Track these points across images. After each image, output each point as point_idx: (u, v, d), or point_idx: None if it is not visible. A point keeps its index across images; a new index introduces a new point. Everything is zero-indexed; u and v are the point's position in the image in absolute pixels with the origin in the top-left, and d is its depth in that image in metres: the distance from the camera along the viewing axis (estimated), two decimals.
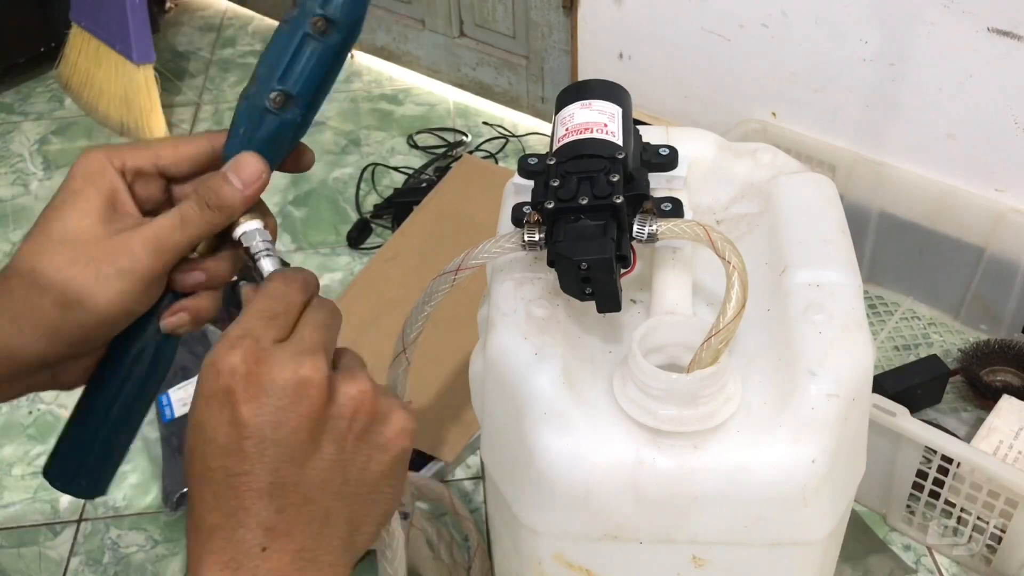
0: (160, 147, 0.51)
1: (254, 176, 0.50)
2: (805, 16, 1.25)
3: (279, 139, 0.51)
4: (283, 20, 0.51)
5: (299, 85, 0.50)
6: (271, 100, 0.50)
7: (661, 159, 0.60)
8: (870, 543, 1.03)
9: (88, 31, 1.73)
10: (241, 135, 0.51)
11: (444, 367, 1.15)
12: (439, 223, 1.41)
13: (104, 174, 0.49)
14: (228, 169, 0.50)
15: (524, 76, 1.72)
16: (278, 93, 0.50)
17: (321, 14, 0.50)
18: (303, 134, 0.53)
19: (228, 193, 0.49)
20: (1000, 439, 1.04)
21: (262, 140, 0.51)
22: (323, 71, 0.51)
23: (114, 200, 0.49)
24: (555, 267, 0.53)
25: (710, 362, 0.51)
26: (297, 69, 0.50)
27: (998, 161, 1.17)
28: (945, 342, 1.26)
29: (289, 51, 0.50)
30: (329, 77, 0.52)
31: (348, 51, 0.53)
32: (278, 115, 0.50)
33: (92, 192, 0.48)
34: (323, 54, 0.51)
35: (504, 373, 0.56)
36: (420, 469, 1.10)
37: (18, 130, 1.81)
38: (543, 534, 0.57)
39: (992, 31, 1.10)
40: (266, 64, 0.51)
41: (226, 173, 0.50)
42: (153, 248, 0.48)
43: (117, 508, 1.12)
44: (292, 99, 0.50)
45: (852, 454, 0.58)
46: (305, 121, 0.52)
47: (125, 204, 0.50)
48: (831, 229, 0.61)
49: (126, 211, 0.50)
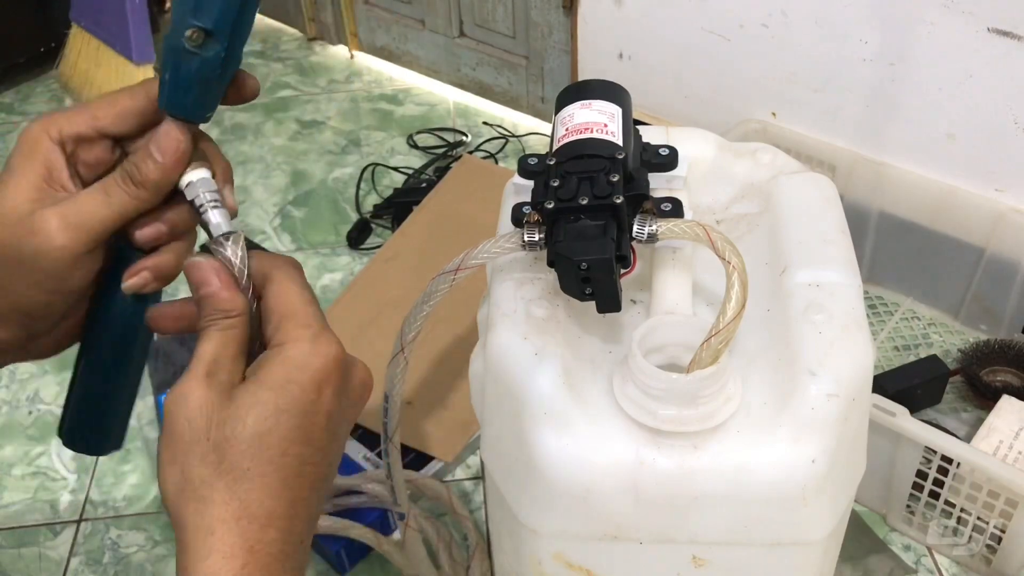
0: (97, 108, 0.49)
1: (173, 147, 0.48)
2: (805, 16, 1.25)
3: (205, 78, 0.48)
4: None
5: (213, 18, 0.47)
6: (188, 39, 0.47)
7: (661, 159, 0.60)
8: (870, 543, 1.03)
9: (88, 31, 1.73)
10: (167, 80, 0.48)
11: (444, 367, 1.16)
12: (439, 223, 1.41)
13: (39, 147, 0.48)
14: (151, 141, 0.48)
15: (524, 76, 1.72)
16: (193, 30, 0.47)
17: None
18: (234, 69, 0.50)
19: (149, 169, 0.48)
20: (1000, 439, 1.04)
21: (187, 82, 0.48)
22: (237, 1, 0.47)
23: (48, 174, 0.48)
24: (555, 267, 0.53)
25: (710, 362, 0.51)
26: (209, 2, 0.47)
27: (998, 161, 1.17)
28: (945, 342, 1.26)
29: None
30: (246, 6, 0.48)
31: None
32: (198, 54, 0.47)
33: (27, 167, 0.47)
34: None
35: (504, 373, 0.56)
36: (420, 469, 1.10)
37: (18, 130, 1.81)
38: (543, 534, 0.57)
39: (992, 31, 1.10)
40: (177, 1, 0.47)
41: (148, 146, 0.48)
42: (73, 224, 0.46)
43: (117, 508, 1.12)
44: (211, 35, 0.47)
45: (852, 454, 0.58)
46: (230, 56, 0.49)
47: (60, 177, 0.48)
48: (831, 229, 0.61)
49: (61, 184, 0.48)
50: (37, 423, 1.23)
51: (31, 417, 1.24)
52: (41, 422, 1.23)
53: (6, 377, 1.31)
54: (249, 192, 1.63)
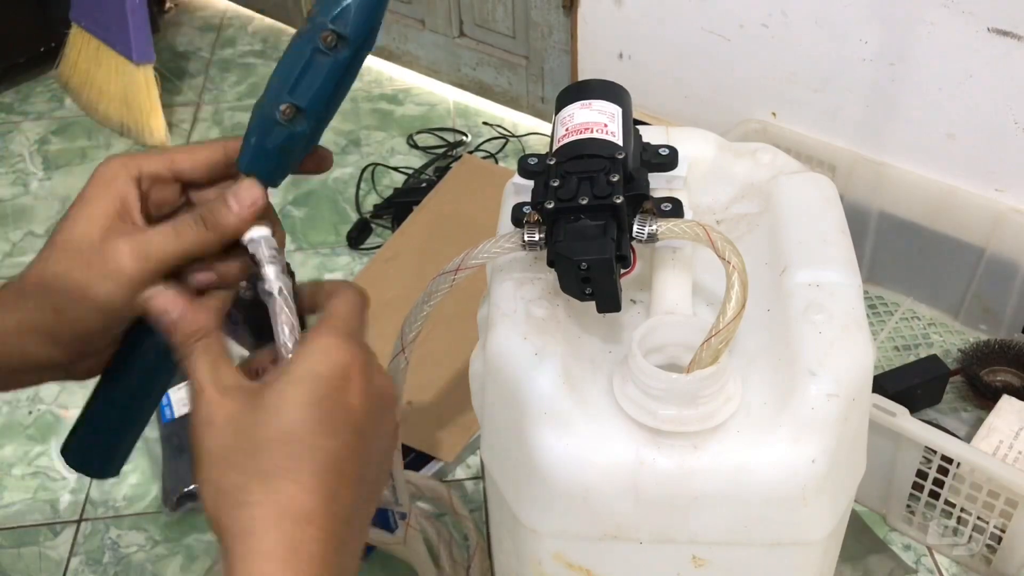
0: (175, 153, 0.53)
1: (249, 201, 0.51)
2: (805, 16, 1.25)
3: (288, 149, 0.52)
4: (296, 33, 0.52)
5: (308, 98, 0.51)
6: (281, 112, 0.51)
7: (661, 159, 0.60)
8: (870, 543, 1.03)
9: (88, 31, 1.73)
10: (252, 145, 0.52)
11: (444, 367, 1.16)
12: (439, 223, 1.41)
13: (116, 181, 0.51)
14: (229, 192, 0.52)
15: (524, 76, 1.72)
16: (288, 105, 0.51)
17: (332, 29, 0.50)
18: (314, 144, 0.54)
19: (224, 215, 0.51)
20: (1000, 439, 1.04)
21: (271, 150, 0.52)
22: (333, 85, 0.52)
23: (123, 208, 0.51)
24: (555, 267, 0.53)
25: (710, 362, 0.51)
26: (306, 83, 0.51)
27: (998, 161, 1.17)
28: (945, 342, 1.26)
29: (299, 64, 0.51)
30: (339, 91, 0.52)
31: (359, 66, 0.53)
32: (287, 127, 0.51)
33: (102, 200, 0.50)
34: (333, 68, 0.51)
35: (504, 373, 0.56)
36: (420, 469, 1.10)
37: (18, 130, 1.81)
38: (543, 534, 0.57)
39: (992, 31, 1.10)
40: (278, 76, 0.52)
41: (226, 196, 0.52)
42: (141, 255, 0.49)
43: (117, 508, 1.12)
44: (301, 112, 0.51)
45: (852, 454, 0.58)
46: (315, 133, 0.53)
47: (132, 212, 0.51)
48: (831, 229, 0.61)
49: (132, 219, 0.51)
50: (37, 423, 1.23)
51: (31, 417, 1.24)
52: (41, 422, 1.23)
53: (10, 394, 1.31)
54: None
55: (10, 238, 1.55)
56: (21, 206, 1.62)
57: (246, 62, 1.98)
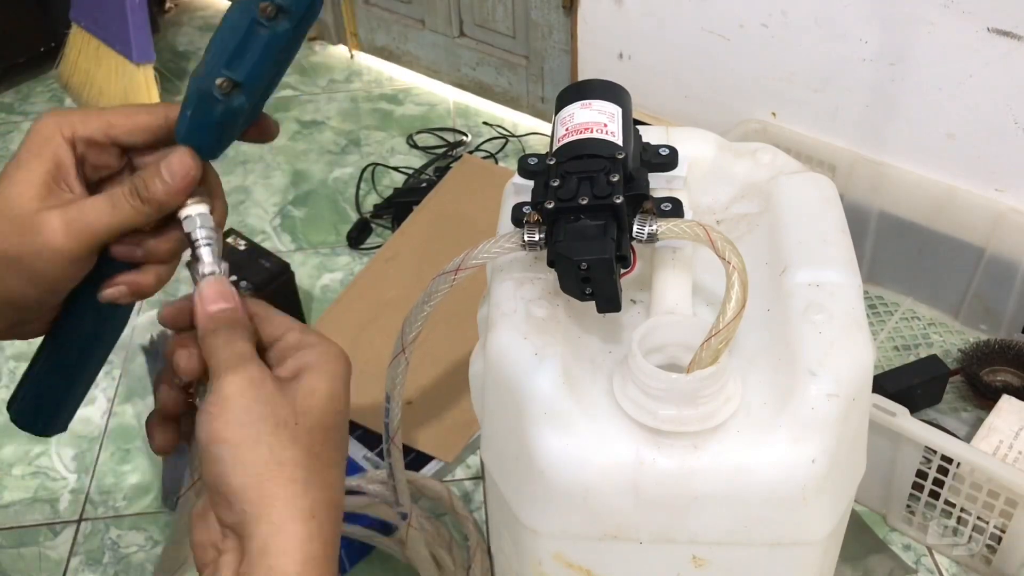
0: (113, 115, 0.51)
1: (182, 173, 0.49)
2: (805, 16, 1.25)
3: (226, 124, 0.50)
4: (233, 1, 0.49)
5: (245, 73, 0.48)
6: (218, 86, 0.48)
7: (661, 159, 0.60)
8: (870, 543, 1.03)
9: (88, 31, 1.73)
10: (188, 117, 0.50)
11: (444, 367, 1.16)
12: (439, 223, 1.41)
13: (50, 144, 0.49)
14: (161, 162, 0.50)
15: (524, 76, 1.72)
16: (224, 79, 0.48)
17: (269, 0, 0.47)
18: (254, 118, 0.52)
19: (158, 186, 0.49)
20: (1000, 439, 1.04)
21: (208, 124, 0.50)
22: (272, 59, 0.49)
23: (58, 171, 0.49)
24: (555, 267, 0.53)
25: (710, 362, 0.51)
26: (244, 57, 0.48)
27: (998, 161, 1.17)
28: (945, 342, 1.26)
29: (237, 36, 0.48)
30: (279, 66, 0.50)
31: (300, 40, 0.50)
32: (224, 101, 0.49)
33: (36, 163, 0.48)
34: (271, 41, 0.48)
35: (504, 373, 0.56)
36: (420, 469, 1.10)
37: (18, 130, 1.81)
38: (543, 534, 0.57)
39: (992, 31, 1.10)
40: (214, 47, 0.49)
41: (159, 166, 0.49)
42: (76, 229, 0.48)
43: (117, 508, 1.12)
44: (239, 86, 0.48)
45: (852, 454, 0.58)
46: (254, 108, 0.51)
47: (68, 177, 0.49)
48: (831, 229, 0.61)
49: (68, 184, 0.49)
50: None
51: None
52: None
53: (6, 377, 1.31)
54: (249, 192, 1.63)
55: None
56: None
57: None
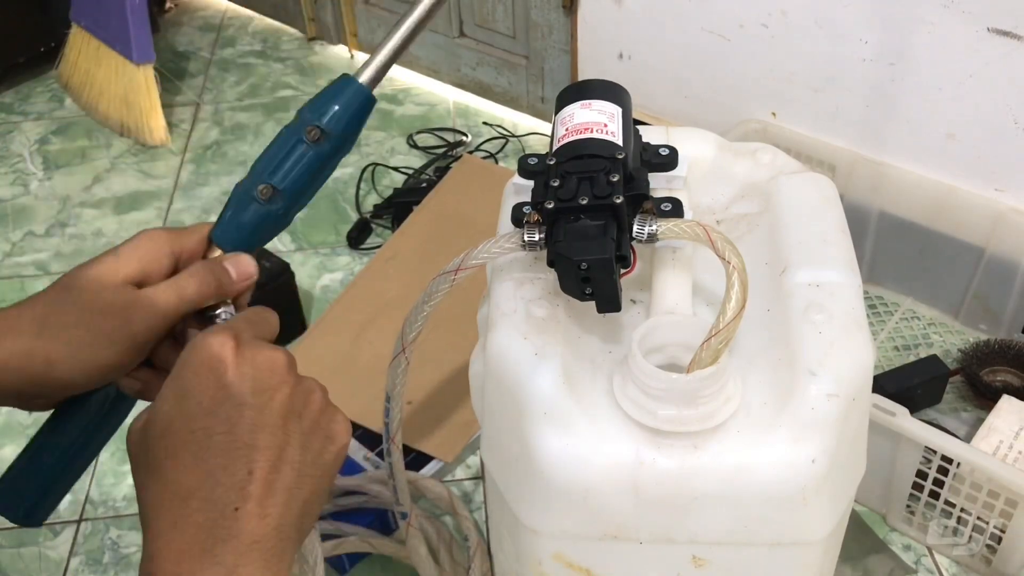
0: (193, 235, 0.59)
1: (246, 275, 0.57)
2: (805, 16, 1.25)
3: (261, 226, 0.58)
4: (284, 126, 0.58)
5: (285, 181, 0.57)
6: (259, 191, 0.57)
7: (661, 159, 0.60)
8: (870, 543, 1.03)
9: (88, 31, 1.73)
10: (227, 218, 0.57)
11: (444, 367, 1.15)
12: (439, 223, 1.41)
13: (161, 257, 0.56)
14: (228, 262, 0.56)
15: (524, 76, 1.72)
16: (266, 186, 0.57)
17: (316, 124, 0.57)
18: (285, 225, 0.60)
19: (225, 283, 0.56)
20: (1000, 439, 1.04)
21: (245, 225, 0.57)
22: (309, 173, 0.58)
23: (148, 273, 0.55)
24: (555, 267, 0.53)
25: (710, 362, 0.51)
26: (286, 167, 0.57)
27: (998, 161, 1.17)
28: (945, 342, 1.26)
29: (283, 151, 0.57)
30: (316, 179, 0.59)
31: (337, 160, 0.59)
32: (263, 205, 0.57)
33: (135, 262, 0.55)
34: (312, 159, 0.57)
35: (504, 373, 0.56)
36: (420, 469, 1.10)
37: (18, 130, 1.81)
38: (543, 534, 0.57)
39: (992, 31, 1.10)
40: (262, 160, 0.58)
41: (226, 266, 0.56)
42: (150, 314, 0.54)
43: (117, 508, 1.12)
44: (278, 193, 0.57)
45: (852, 454, 0.58)
46: (287, 213, 0.58)
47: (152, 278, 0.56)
48: (831, 229, 0.61)
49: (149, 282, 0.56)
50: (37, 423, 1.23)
51: (31, 417, 1.24)
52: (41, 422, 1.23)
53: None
54: None
55: (10, 238, 1.55)
56: (21, 206, 1.62)
57: (246, 62, 1.98)
